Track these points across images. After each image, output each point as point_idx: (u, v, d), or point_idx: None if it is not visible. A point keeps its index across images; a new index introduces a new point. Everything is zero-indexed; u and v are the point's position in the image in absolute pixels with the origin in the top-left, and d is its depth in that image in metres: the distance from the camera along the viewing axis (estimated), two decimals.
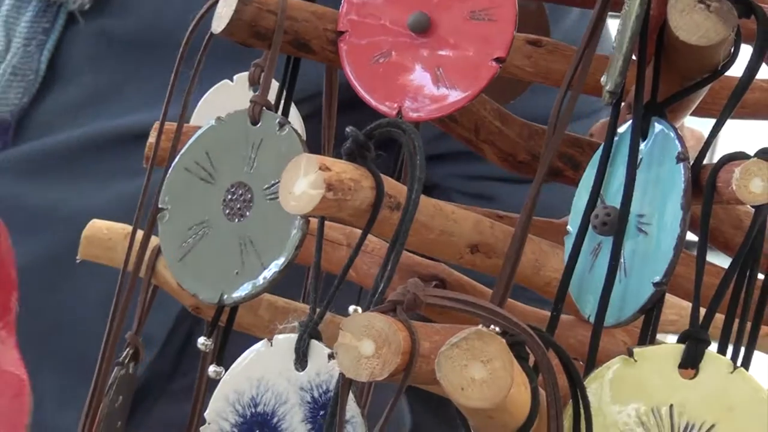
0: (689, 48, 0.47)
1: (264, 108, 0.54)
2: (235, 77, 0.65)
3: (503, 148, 0.59)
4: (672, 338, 0.55)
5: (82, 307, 0.89)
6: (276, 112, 0.55)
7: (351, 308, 0.65)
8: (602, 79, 0.52)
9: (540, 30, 0.70)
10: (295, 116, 0.61)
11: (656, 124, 0.49)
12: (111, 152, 0.90)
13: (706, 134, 0.73)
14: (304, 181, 0.47)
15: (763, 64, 0.51)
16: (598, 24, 0.52)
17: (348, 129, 0.49)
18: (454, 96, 0.53)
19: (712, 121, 0.58)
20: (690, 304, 0.63)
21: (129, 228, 0.60)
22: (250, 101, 0.54)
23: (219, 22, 0.54)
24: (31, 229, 0.90)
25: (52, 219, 0.90)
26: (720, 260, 0.56)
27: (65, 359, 0.89)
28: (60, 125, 0.92)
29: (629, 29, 0.48)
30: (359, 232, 0.61)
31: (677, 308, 0.63)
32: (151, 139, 0.59)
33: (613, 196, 0.50)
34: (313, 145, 0.54)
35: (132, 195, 0.92)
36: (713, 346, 0.47)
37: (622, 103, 0.53)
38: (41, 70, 0.92)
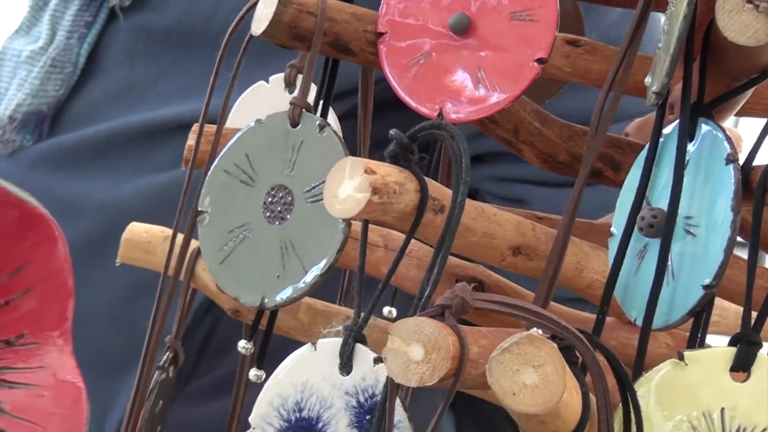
0: (737, 48, 0.47)
1: (303, 110, 0.54)
2: (270, 78, 0.65)
3: (543, 149, 0.58)
4: (713, 339, 0.55)
5: (104, 301, 0.89)
6: (315, 113, 0.55)
7: (385, 309, 0.65)
8: (646, 79, 0.51)
9: (575, 29, 0.69)
10: (331, 117, 0.60)
11: (703, 125, 0.49)
12: (137, 146, 0.91)
13: (741, 133, 0.73)
14: (349, 185, 0.47)
15: None
16: (641, 24, 0.52)
17: (392, 132, 0.48)
18: (495, 97, 0.52)
19: (735, 120, 0.58)
20: (731, 305, 0.63)
21: (168, 231, 0.60)
22: (290, 103, 0.54)
23: (259, 24, 0.54)
24: (57, 221, 0.90)
25: (77, 211, 0.90)
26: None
27: (85, 351, 0.89)
28: (94, 118, 0.93)
29: (676, 29, 0.47)
30: (396, 233, 0.61)
31: (719, 309, 0.62)
32: (190, 141, 0.59)
33: (658, 197, 0.49)
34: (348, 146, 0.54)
35: (154, 190, 0.93)
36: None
37: None
38: (80, 63, 0.93)
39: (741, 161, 0.48)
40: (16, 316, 0.39)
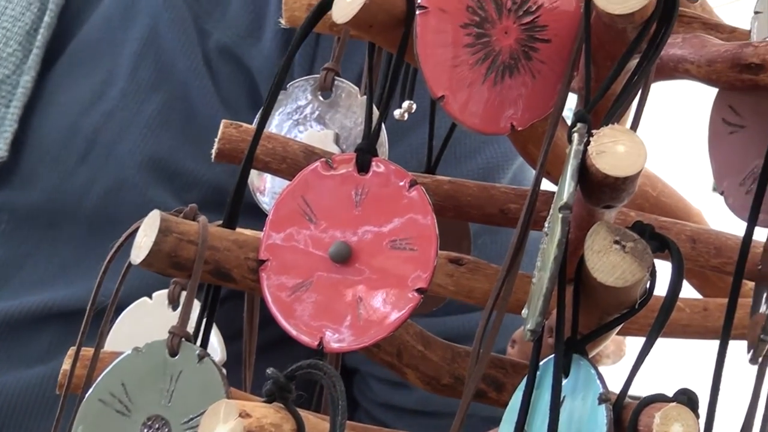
0: (607, 288, 0.48)
1: (183, 339, 0.53)
2: (153, 294, 0.65)
3: (426, 371, 0.58)
4: None
5: None
6: (196, 341, 0.55)
7: None
8: (523, 312, 0.52)
9: (461, 239, 0.71)
10: (216, 342, 0.60)
11: (578, 361, 0.49)
12: (2, 338, 0.85)
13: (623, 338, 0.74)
14: (223, 429, 0.46)
15: None
16: (519, 249, 0.53)
17: (269, 370, 0.48)
18: (376, 326, 0.52)
19: None
20: None
21: None
22: (169, 332, 0.53)
23: (138, 253, 0.54)
24: None
25: None
26: None
27: None
28: None
29: (548, 270, 0.48)
30: None
31: None
32: (66, 366, 0.58)
33: (537, 429, 0.50)
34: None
35: (20, 387, 0.86)
36: None
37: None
38: None
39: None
40: None
